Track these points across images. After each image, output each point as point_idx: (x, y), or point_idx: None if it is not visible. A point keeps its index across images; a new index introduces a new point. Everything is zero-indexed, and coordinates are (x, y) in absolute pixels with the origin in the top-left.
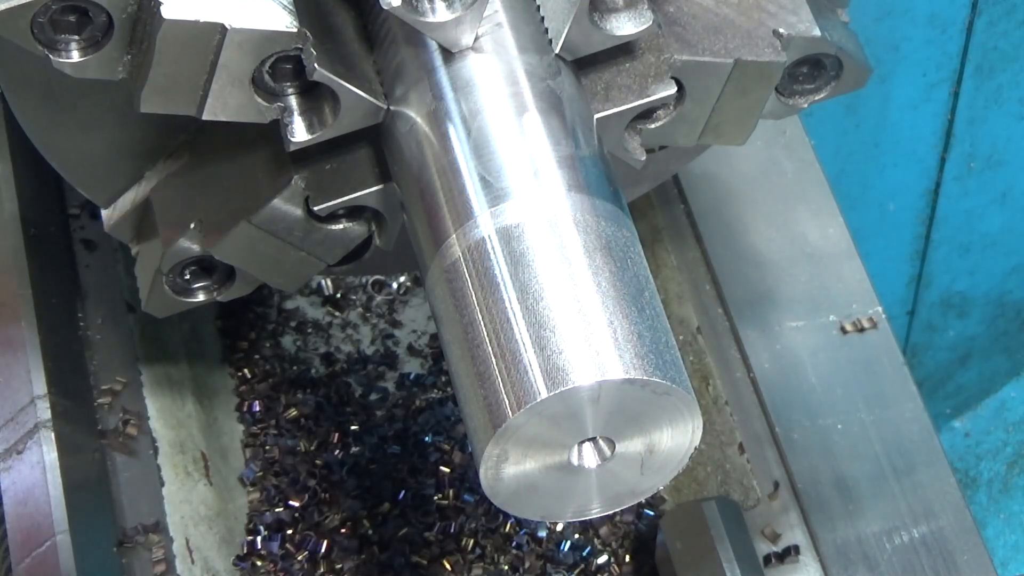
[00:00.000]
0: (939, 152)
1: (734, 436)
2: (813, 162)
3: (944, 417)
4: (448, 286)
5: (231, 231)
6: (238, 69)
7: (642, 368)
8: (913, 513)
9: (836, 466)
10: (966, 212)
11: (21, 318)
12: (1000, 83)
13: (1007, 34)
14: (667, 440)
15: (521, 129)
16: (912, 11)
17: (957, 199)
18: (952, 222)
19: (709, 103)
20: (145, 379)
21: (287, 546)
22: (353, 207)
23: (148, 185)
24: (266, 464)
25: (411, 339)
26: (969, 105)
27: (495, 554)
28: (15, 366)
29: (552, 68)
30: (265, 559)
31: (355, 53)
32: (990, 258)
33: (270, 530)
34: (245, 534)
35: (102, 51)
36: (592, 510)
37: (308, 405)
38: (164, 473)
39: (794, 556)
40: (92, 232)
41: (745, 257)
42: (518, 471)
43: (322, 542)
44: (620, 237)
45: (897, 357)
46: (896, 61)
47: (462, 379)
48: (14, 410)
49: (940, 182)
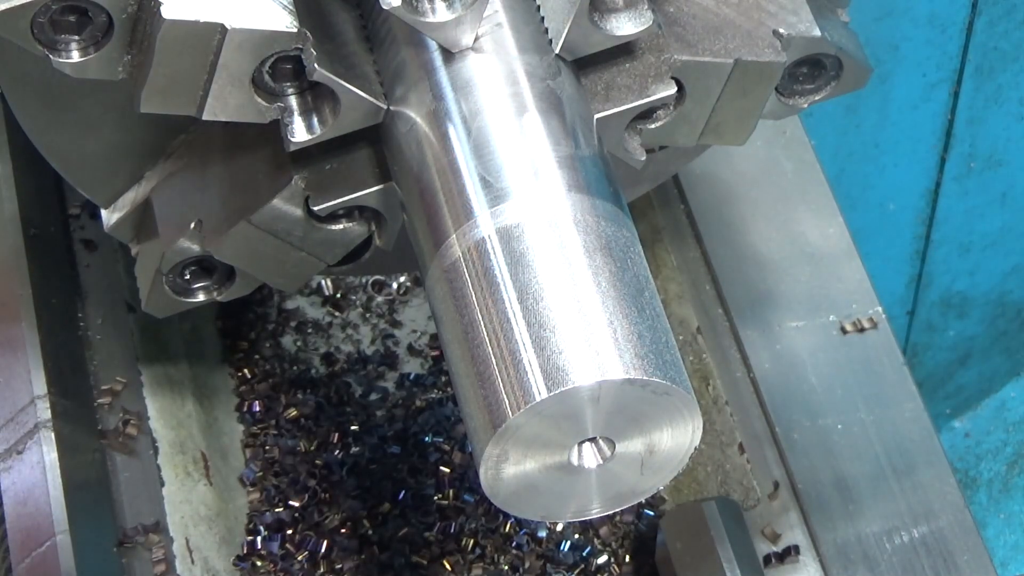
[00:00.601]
0: (939, 152)
1: (734, 436)
2: (813, 162)
3: (944, 417)
4: (448, 286)
5: (231, 231)
6: (238, 69)
7: (642, 368)
8: (913, 513)
9: (836, 466)
10: (966, 212)
11: (21, 318)
12: (1000, 83)
13: (1007, 34)
14: (667, 440)
15: (521, 129)
16: (912, 11)
17: (957, 199)
18: (952, 222)
19: (709, 103)
20: (145, 379)
21: (287, 546)
22: (353, 207)
23: (148, 185)
24: (266, 464)
25: (411, 339)
26: (969, 105)
27: (495, 554)
28: (15, 366)
29: (552, 68)
30: (265, 559)
31: (355, 53)
32: (990, 258)
33: (270, 530)
34: (245, 534)
35: (102, 51)
36: (592, 510)
37: (308, 405)
38: (164, 473)
39: (794, 556)
40: (92, 232)
41: (745, 257)
42: (518, 471)
43: (322, 542)
44: (620, 237)
45: (897, 357)
46: (896, 61)
47: (462, 379)
48: (14, 410)
49: (940, 182)
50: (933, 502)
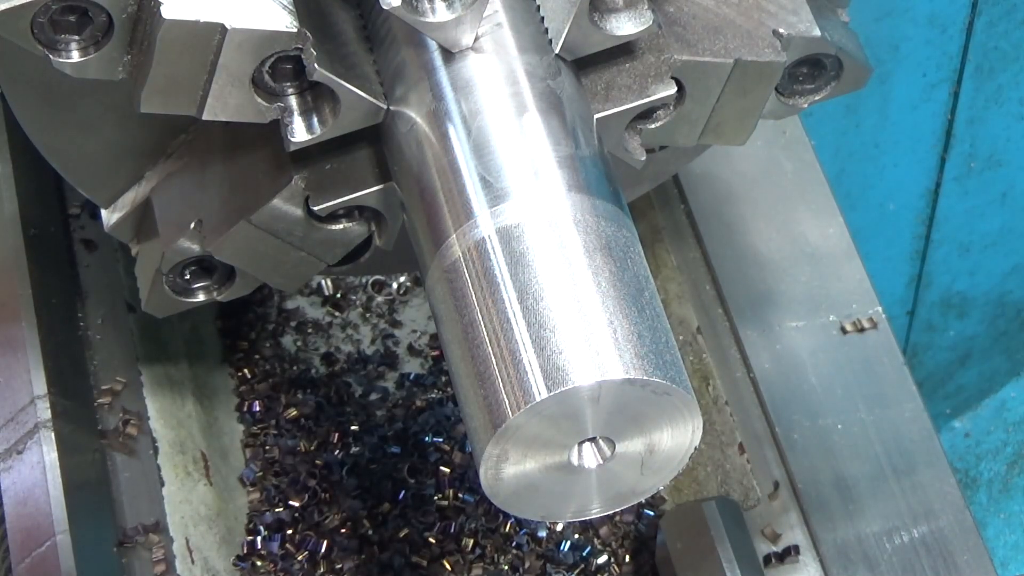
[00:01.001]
0: (939, 152)
1: (734, 436)
2: (813, 162)
3: (944, 417)
4: (448, 286)
5: (231, 231)
6: (238, 69)
7: (642, 368)
8: (913, 513)
9: (836, 466)
10: (966, 212)
11: (21, 318)
12: (1000, 83)
13: (1007, 34)
14: (667, 440)
15: (521, 129)
16: (912, 11)
17: (957, 199)
18: (952, 222)
19: (709, 103)
20: (145, 379)
21: (287, 546)
22: (353, 207)
23: (148, 185)
24: (266, 464)
25: (411, 339)
26: (969, 105)
27: (495, 554)
28: (15, 366)
29: (552, 68)
30: (265, 559)
31: (355, 53)
32: (990, 258)
33: (270, 530)
34: (245, 534)
35: (102, 51)
36: (592, 510)
37: (308, 405)
38: (164, 473)
39: (794, 556)
40: (92, 232)
41: (745, 257)
42: (518, 471)
43: (322, 542)
44: (620, 237)
45: (897, 357)
46: (896, 61)
47: (462, 379)
48: (14, 410)
49: (940, 182)
50: (933, 502)
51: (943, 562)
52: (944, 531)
